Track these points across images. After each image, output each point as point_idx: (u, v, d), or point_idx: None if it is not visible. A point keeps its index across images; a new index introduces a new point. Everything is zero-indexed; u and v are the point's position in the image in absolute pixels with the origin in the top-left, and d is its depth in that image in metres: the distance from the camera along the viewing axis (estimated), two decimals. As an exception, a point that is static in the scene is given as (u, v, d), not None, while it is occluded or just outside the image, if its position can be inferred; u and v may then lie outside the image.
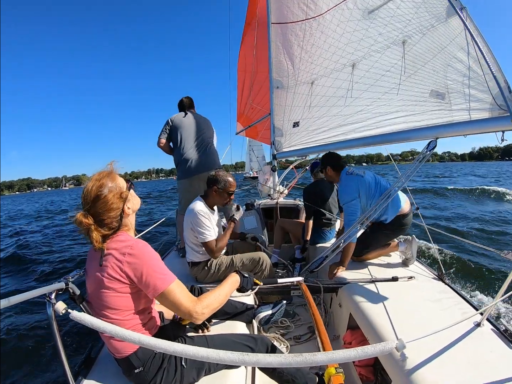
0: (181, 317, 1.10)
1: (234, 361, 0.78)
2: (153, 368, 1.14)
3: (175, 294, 1.06)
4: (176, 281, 1.10)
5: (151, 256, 1.08)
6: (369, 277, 2.04)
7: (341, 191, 2.34)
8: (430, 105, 2.20)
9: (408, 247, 2.28)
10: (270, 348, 1.36)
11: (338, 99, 3.02)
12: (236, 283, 1.36)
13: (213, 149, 3.01)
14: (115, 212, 1.08)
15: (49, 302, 0.95)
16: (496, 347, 1.29)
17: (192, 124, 2.96)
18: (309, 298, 1.67)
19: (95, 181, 1.08)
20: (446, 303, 1.68)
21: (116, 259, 1.04)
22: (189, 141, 2.89)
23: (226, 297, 1.24)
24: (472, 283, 3.99)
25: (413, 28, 2.24)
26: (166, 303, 1.08)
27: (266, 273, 2.24)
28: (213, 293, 1.19)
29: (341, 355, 0.78)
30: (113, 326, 0.88)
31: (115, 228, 1.10)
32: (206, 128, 3.04)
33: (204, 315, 1.10)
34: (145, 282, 1.04)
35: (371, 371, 1.62)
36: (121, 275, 1.04)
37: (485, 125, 1.74)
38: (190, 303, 1.08)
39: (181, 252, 2.89)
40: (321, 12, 2.95)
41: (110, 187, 1.08)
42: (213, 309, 1.15)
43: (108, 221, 1.07)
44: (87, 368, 1.28)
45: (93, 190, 1.06)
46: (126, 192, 1.14)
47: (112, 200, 1.07)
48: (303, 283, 1.87)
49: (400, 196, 2.25)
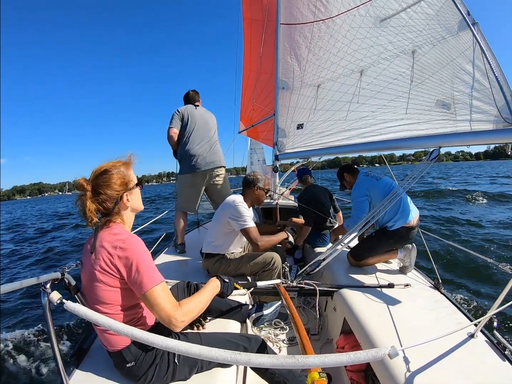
0: (159, 320, 1.07)
1: (227, 360, 0.78)
2: (145, 363, 1.14)
3: (157, 297, 1.03)
4: (162, 284, 1.07)
5: (142, 252, 1.06)
6: (365, 283, 2.04)
7: (353, 188, 2.43)
8: (435, 114, 2.20)
9: (407, 255, 2.28)
10: (263, 349, 1.36)
11: (344, 104, 3.02)
12: (216, 288, 1.35)
13: (219, 146, 2.99)
14: (114, 192, 1.11)
15: (44, 291, 0.95)
16: (489, 359, 1.29)
17: (201, 118, 2.90)
18: (288, 300, 1.67)
19: (111, 162, 1.17)
20: (441, 313, 1.67)
21: (108, 252, 1.04)
22: (197, 135, 2.82)
23: (206, 304, 1.22)
24: (468, 293, 3.98)
25: (423, 39, 2.25)
26: (147, 303, 1.05)
27: (276, 273, 2.22)
28: (193, 300, 1.16)
29: (333, 359, 0.78)
30: (107, 318, 0.88)
31: (108, 209, 1.11)
32: (213, 124, 3.00)
33: (184, 323, 1.07)
34: (132, 278, 1.03)
35: (362, 376, 1.62)
36: (111, 269, 1.04)
37: (490, 136, 1.74)
38: (170, 308, 1.05)
39: (178, 248, 2.89)
40: (331, 15, 2.94)
41: (121, 171, 1.15)
42: (192, 317, 1.12)
43: (103, 197, 1.09)
44: (79, 359, 1.29)
45: (104, 166, 1.13)
46: (132, 184, 1.18)
47: (115, 181, 1.12)
48: (281, 286, 1.89)
49: (412, 208, 2.28)
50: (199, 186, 2.88)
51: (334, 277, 2.23)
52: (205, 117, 2.94)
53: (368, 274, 2.23)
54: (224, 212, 2.19)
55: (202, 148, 2.81)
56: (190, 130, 2.80)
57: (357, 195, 2.32)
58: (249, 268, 2.20)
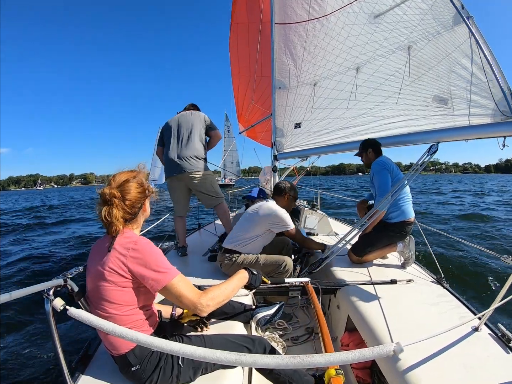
0: (185, 309, 1.11)
1: (231, 361, 0.77)
2: (150, 366, 1.14)
3: (179, 287, 1.08)
4: (180, 275, 1.12)
5: (154, 251, 1.11)
6: (368, 280, 2.04)
7: (376, 164, 2.39)
8: (433, 110, 2.21)
9: (406, 246, 2.32)
10: (267, 350, 1.36)
11: (341, 101, 3.02)
12: (244, 279, 1.37)
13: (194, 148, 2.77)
14: (138, 198, 1.16)
15: (47, 298, 0.95)
16: (494, 352, 1.29)
17: (177, 122, 2.84)
18: (314, 299, 1.67)
19: (128, 171, 1.20)
20: (445, 307, 1.68)
21: (120, 253, 1.06)
22: (171, 140, 2.79)
23: (234, 292, 1.25)
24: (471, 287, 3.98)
25: (418, 34, 2.26)
26: (170, 296, 1.10)
27: (286, 276, 2.22)
28: (219, 287, 1.20)
29: (338, 357, 0.78)
30: (111, 324, 0.88)
31: (133, 215, 1.16)
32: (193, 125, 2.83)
33: (209, 307, 1.12)
34: (148, 277, 1.06)
35: (368, 373, 1.62)
36: (123, 269, 1.06)
37: (488, 130, 1.75)
38: (194, 295, 1.10)
39: (179, 251, 2.89)
40: (325, 14, 2.95)
41: (140, 179, 1.20)
42: (218, 302, 1.16)
43: (129, 203, 1.13)
44: (84, 364, 1.28)
45: (123, 175, 1.17)
46: (149, 191, 1.24)
47: (137, 188, 1.16)
48: (310, 284, 1.88)
49: (410, 208, 2.37)
50: (178, 189, 2.85)
51: (337, 275, 2.23)
52: (183, 120, 2.83)
53: (371, 271, 2.23)
54: (265, 218, 2.26)
55: (174, 152, 2.75)
56: (167, 137, 2.84)
57: (380, 168, 2.33)
58: (261, 270, 2.21)
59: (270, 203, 2.34)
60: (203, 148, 2.86)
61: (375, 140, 2.53)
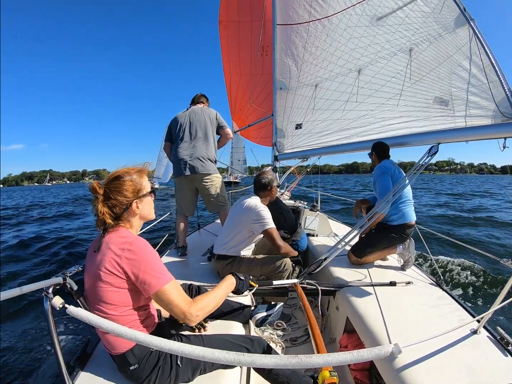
0: (175, 318, 1.10)
1: (230, 361, 0.77)
2: (149, 366, 1.14)
3: (170, 295, 1.05)
4: (173, 282, 1.09)
5: (150, 254, 1.08)
6: (367, 281, 2.04)
7: (378, 169, 2.42)
8: (434, 111, 2.21)
9: (405, 248, 2.33)
10: (266, 350, 1.35)
11: (342, 103, 3.03)
12: (231, 286, 1.36)
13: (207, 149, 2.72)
14: (124, 199, 1.13)
15: (46, 296, 0.95)
16: (492, 355, 1.29)
17: (189, 119, 2.74)
18: (304, 300, 1.67)
19: (126, 168, 1.19)
20: (444, 309, 1.67)
21: (115, 253, 1.05)
22: (182, 137, 2.70)
23: (221, 300, 1.24)
24: (470, 290, 3.98)
25: (420, 36, 2.27)
26: (161, 302, 1.08)
27: (285, 277, 2.22)
28: (208, 296, 1.18)
29: (336, 358, 0.78)
30: (110, 322, 0.88)
31: (117, 214, 1.13)
32: (206, 123, 2.75)
33: (199, 317, 1.10)
34: (141, 280, 1.04)
35: (366, 375, 1.62)
36: (118, 270, 1.04)
37: (488, 131, 1.75)
38: (185, 305, 1.07)
39: (179, 251, 2.89)
40: (327, 15, 2.95)
41: (133, 178, 1.17)
42: (207, 311, 1.14)
43: (113, 202, 1.12)
44: (82, 363, 1.28)
45: (118, 172, 1.16)
46: (143, 192, 1.20)
47: (126, 187, 1.14)
48: (298, 285, 1.88)
49: (411, 211, 2.38)
50: (187, 189, 2.81)
51: (336, 276, 2.23)
52: (195, 118, 2.76)
53: (370, 272, 2.23)
54: (244, 217, 2.19)
55: (186, 151, 2.68)
56: (177, 133, 2.75)
57: (381, 171, 2.35)
58: (259, 271, 2.21)
59: (252, 200, 2.26)
60: (215, 149, 2.83)
61: (382, 143, 2.52)
